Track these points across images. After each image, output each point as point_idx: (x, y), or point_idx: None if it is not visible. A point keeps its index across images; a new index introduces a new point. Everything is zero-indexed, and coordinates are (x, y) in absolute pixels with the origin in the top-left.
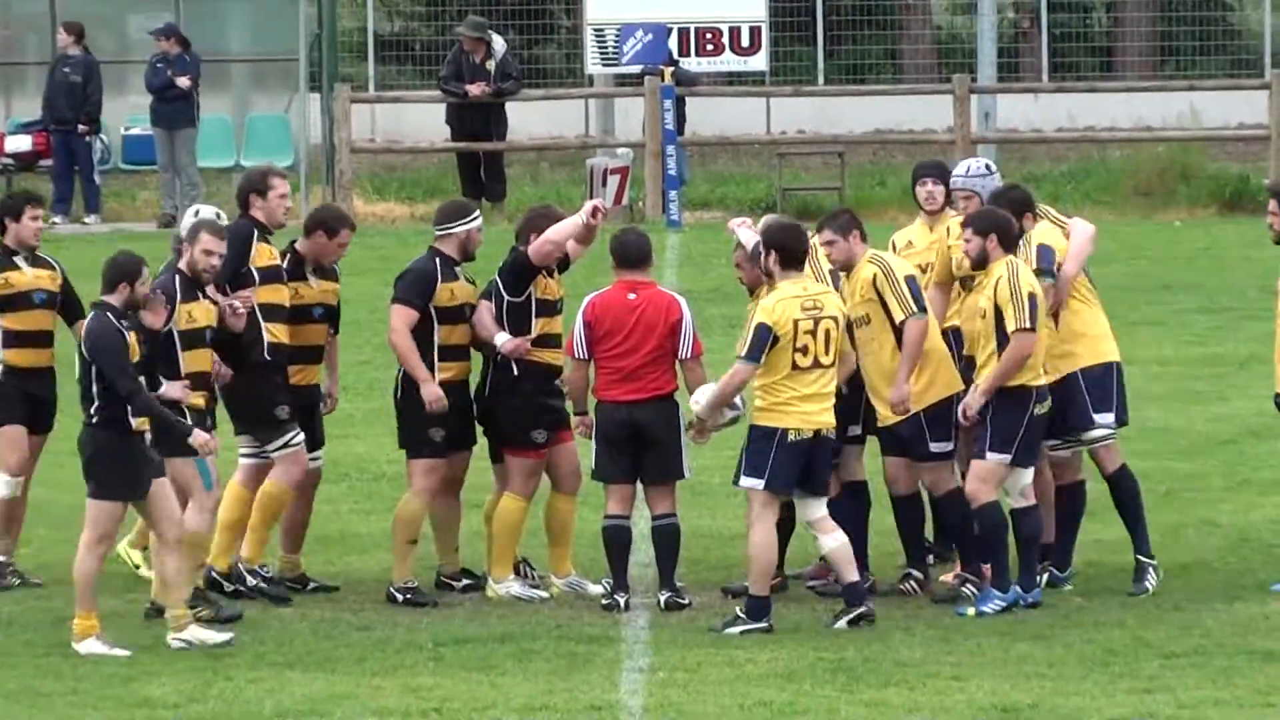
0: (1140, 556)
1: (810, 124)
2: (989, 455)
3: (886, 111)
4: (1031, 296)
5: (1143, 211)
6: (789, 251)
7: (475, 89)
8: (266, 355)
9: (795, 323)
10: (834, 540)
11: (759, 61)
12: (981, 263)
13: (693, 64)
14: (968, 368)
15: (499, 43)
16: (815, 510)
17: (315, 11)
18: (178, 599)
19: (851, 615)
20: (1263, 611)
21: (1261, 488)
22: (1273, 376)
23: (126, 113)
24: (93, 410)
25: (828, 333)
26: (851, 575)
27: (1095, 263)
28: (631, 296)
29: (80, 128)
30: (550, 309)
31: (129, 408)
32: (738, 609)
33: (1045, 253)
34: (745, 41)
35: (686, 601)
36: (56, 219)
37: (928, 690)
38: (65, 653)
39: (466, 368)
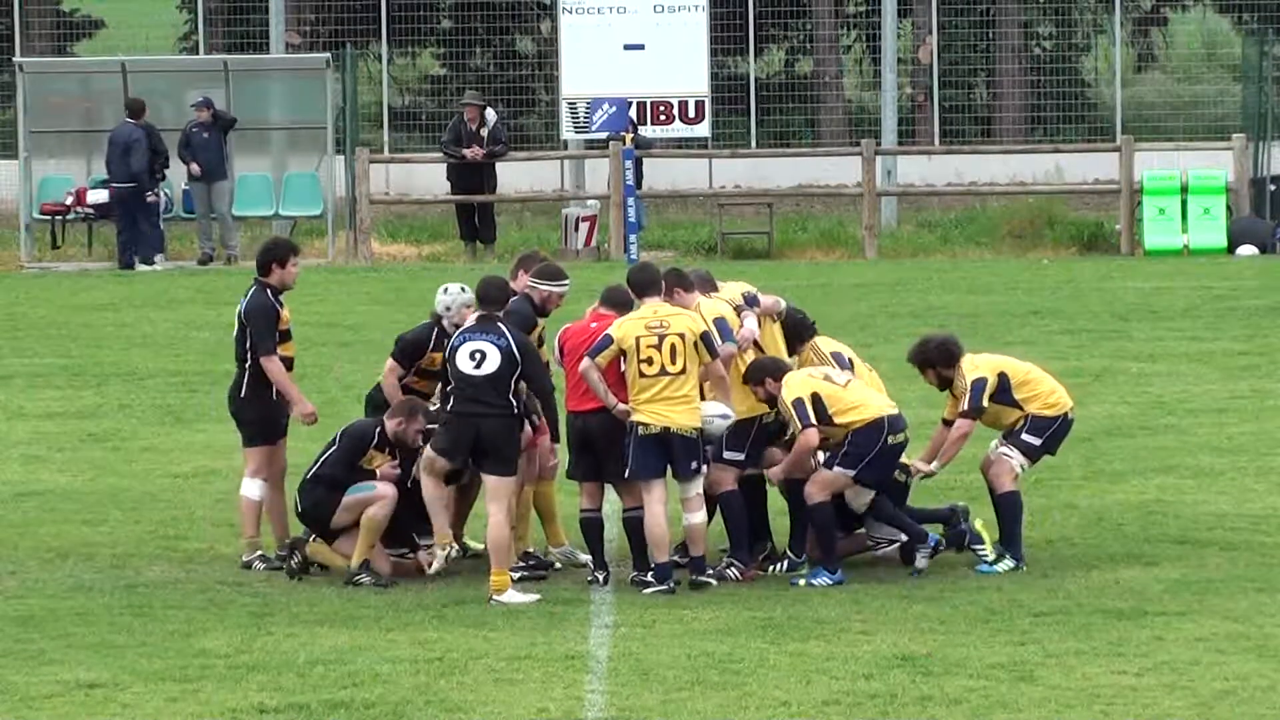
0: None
1: (745, 180)
2: (835, 468)
3: (807, 169)
4: (797, 402)
5: (1016, 251)
6: (638, 284)
7: (471, 152)
8: None
9: (638, 339)
10: (695, 518)
11: (703, 129)
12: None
13: (649, 131)
14: None
15: (491, 114)
16: (686, 490)
17: (340, 88)
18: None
19: (658, 589)
20: (1114, 578)
21: (1112, 477)
22: (1122, 384)
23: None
24: (512, 405)
25: (673, 346)
26: (696, 552)
27: (977, 293)
28: (593, 325)
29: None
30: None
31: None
32: (649, 574)
33: (722, 326)
34: (692, 113)
35: (649, 580)
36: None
37: (841, 642)
38: (136, 612)
39: None
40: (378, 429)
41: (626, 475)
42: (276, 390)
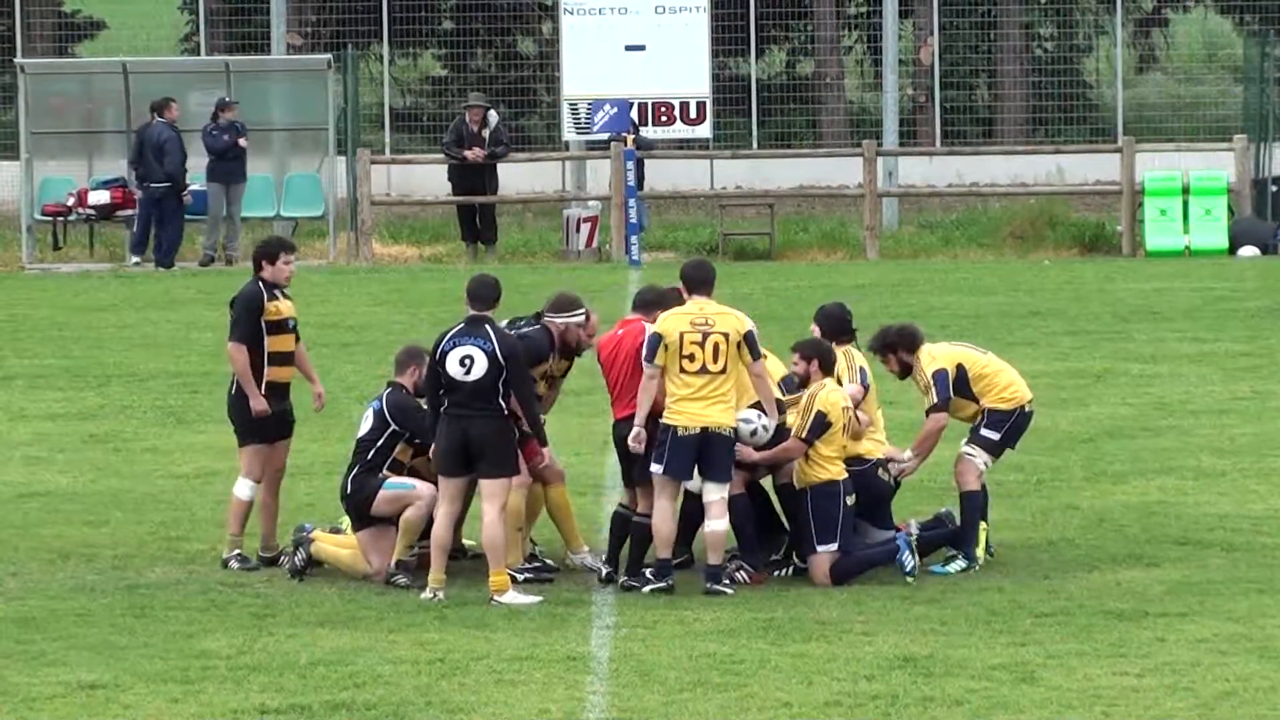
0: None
1: (746, 181)
2: (819, 549)
3: (808, 170)
4: (819, 415)
5: (1018, 252)
6: (690, 279)
7: (471, 153)
8: None
9: (681, 334)
10: (717, 525)
11: (704, 130)
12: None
13: (651, 132)
14: None
15: (493, 115)
16: (711, 494)
17: (341, 90)
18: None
19: (656, 585)
20: (1115, 579)
21: (1114, 478)
22: (1124, 385)
23: (189, 171)
24: (501, 408)
25: (716, 345)
26: (714, 560)
27: (979, 294)
28: (620, 332)
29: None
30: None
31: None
32: (647, 572)
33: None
34: (693, 114)
35: (640, 588)
36: (135, 259)
37: (843, 644)
38: (137, 613)
39: None
40: (405, 392)
41: (662, 471)
42: (268, 390)
